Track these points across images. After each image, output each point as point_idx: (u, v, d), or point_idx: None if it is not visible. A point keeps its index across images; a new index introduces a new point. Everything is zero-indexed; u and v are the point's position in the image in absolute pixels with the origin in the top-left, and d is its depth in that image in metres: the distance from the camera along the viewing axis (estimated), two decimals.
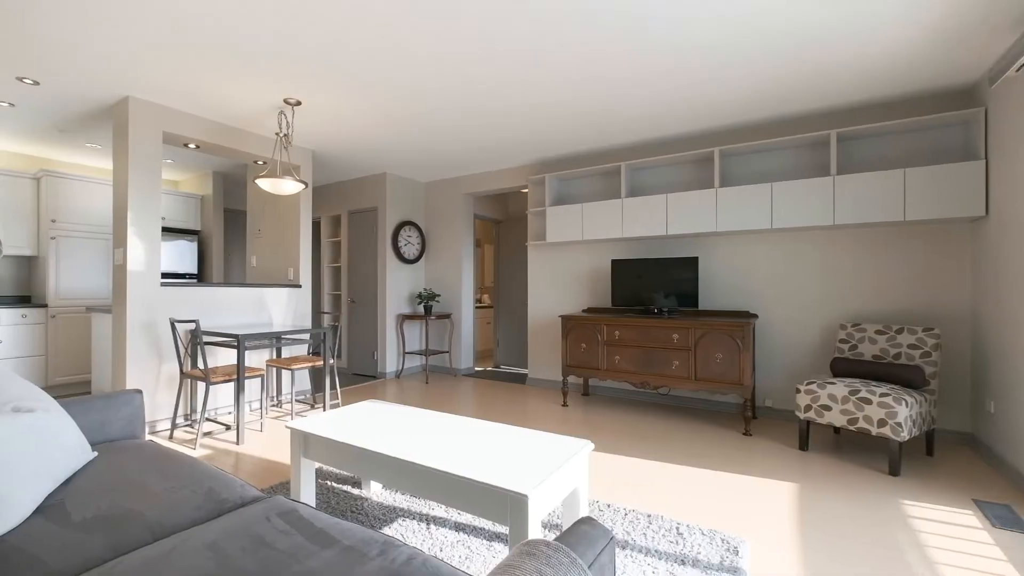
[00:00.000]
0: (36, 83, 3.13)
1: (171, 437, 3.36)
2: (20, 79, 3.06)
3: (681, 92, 3.27)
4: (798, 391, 3.05)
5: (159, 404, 3.54)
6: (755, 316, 3.81)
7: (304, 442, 2.13)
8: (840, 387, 2.88)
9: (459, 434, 2.01)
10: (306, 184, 3.56)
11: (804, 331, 3.76)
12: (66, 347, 4.62)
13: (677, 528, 2.08)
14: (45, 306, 4.51)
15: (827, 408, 2.91)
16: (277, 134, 3.60)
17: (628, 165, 4.30)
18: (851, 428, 2.81)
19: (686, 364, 3.65)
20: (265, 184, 3.43)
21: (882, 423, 2.69)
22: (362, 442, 1.92)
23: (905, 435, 2.63)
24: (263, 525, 1.23)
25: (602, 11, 2.33)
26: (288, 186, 3.48)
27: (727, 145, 3.96)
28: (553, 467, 1.64)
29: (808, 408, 3.00)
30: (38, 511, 1.34)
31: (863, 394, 2.78)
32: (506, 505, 1.51)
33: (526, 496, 1.45)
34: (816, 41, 2.58)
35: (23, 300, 4.76)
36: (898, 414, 2.63)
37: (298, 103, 3.43)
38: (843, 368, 3.15)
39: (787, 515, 2.24)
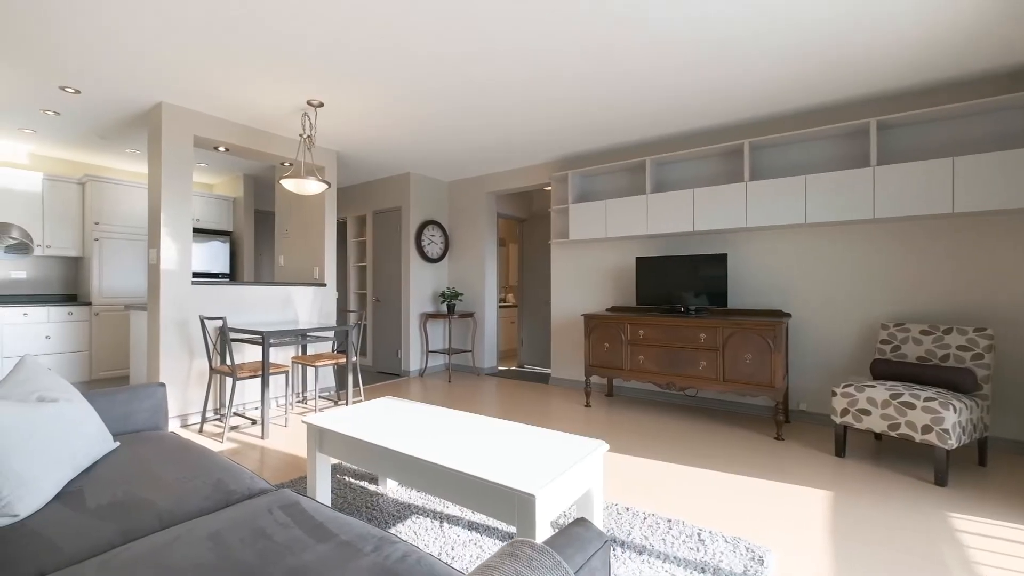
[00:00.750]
0: (77, 91, 3.29)
1: (201, 430, 3.47)
2: (63, 88, 3.22)
3: (700, 85, 3.15)
4: (834, 394, 2.88)
5: (191, 399, 3.66)
6: (788, 315, 3.63)
7: (320, 437, 2.14)
8: (880, 390, 2.70)
9: (472, 433, 1.98)
10: (329, 184, 3.61)
11: (841, 331, 3.56)
12: (108, 343, 4.85)
13: (699, 534, 1.98)
14: (89, 304, 4.75)
15: (866, 412, 2.73)
16: (301, 135, 3.67)
17: (653, 160, 4.18)
18: (892, 434, 2.63)
19: (714, 365, 3.51)
20: (289, 184, 3.50)
21: (927, 429, 2.50)
22: (374, 438, 1.91)
23: (953, 443, 2.44)
24: (265, 517, 1.22)
25: (602, 11, 2.30)
26: (311, 186, 3.54)
27: (758, 137, 3.79)
28: (564, 467, 1.59)
29: (845, 412, 2.82)
30: (58, 496, 1.38)
31: (906, 398, 2.59)
32: (513, 505, 1.46)
33: (533, 496, 1.40)
34: (849, 29, 2.43)
35: (69, 299, 5.03)
36: (945, 420, 2.44)
37: (320, 104, 3.48)
38: (884, 370, 2.96)
39: (819, 524, 2.10)
